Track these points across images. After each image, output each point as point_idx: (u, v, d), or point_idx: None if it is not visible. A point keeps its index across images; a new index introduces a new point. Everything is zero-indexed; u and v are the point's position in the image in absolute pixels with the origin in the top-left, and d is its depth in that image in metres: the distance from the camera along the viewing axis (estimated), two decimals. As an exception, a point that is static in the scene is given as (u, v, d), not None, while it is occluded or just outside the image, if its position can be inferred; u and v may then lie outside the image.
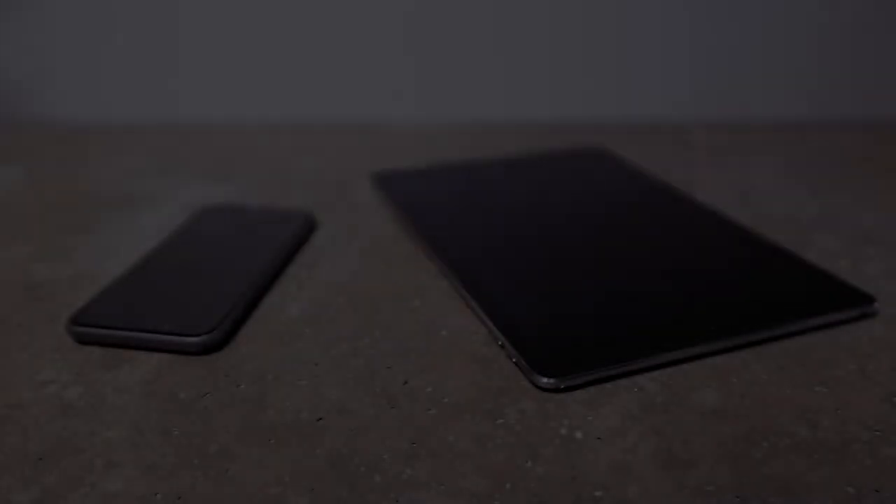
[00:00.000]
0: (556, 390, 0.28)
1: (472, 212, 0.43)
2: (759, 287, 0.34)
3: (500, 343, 0.31)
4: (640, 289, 0.34)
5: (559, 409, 0.27)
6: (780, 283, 0.35)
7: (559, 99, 0.75)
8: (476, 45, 0.72)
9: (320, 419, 0.27)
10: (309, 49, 0.73)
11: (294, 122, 0.65)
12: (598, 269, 0.36)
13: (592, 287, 0.34)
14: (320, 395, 0.28)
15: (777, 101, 0.75)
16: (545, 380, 0.28)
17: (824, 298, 0.33)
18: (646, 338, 0.30)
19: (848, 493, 0.23)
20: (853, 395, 0.28)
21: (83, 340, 0.32)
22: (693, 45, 0.73)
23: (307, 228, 0.42)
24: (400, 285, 0.37)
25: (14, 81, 0.73)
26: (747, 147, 0.59)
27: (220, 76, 0.73)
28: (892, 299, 0.35)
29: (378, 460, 0.25)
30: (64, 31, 0.71)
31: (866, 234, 0.42)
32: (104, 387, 0.29)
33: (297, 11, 0.71)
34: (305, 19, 0.71)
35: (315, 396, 0.28)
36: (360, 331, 0.33)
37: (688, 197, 0.45)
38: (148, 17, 0.71)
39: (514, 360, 0.30)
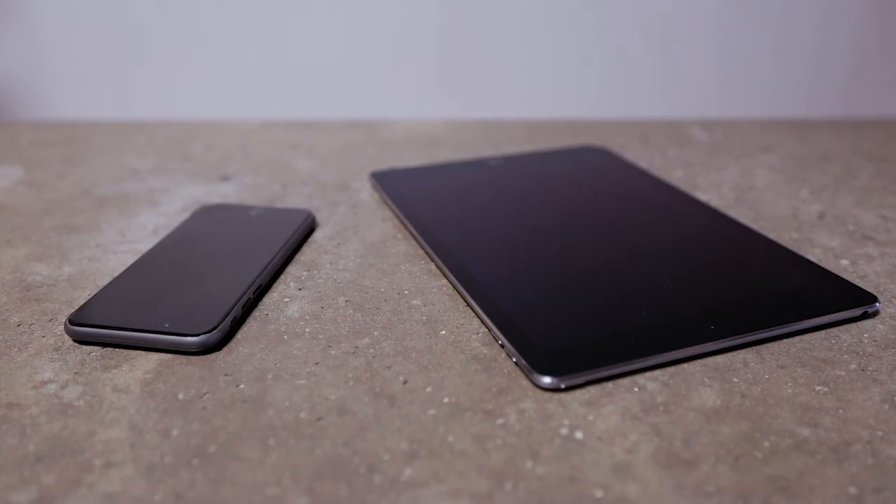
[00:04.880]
0: (557, 390, 0.28)
1: (472, 211, 0.43)
2: (760, 286, 0.34)
3: (500, 343, 0.31)
4: (640, 288, 0.34)
5: (559, 409, 0.27)
6: (781, 282, 0.34)
7: (559, 97, 0.75)
8: (476, 45, 0.72)
9: (320, 419, 0.27)
10: (309, 48, 0.73)
11: (294, 121, 0.65)
12: (598, 268, 0.36)
13: (592, 286, 0.34)
14: (320, 395, 0.28)
15: (778, 99, 0.75)
16: (546, 379, 0.28)
17: (826, 298, 0.33)
18: (646, 337, 0.30)
19: (849, 493, 0.23)
20: (854, 394, 0.28)
21: (82, 340, 0.31)
22: (693, 43, 0.73)
23: (307, 228, 0.42)
24: (400, 285, 0.37)
25: (13, 81, 0.73)
26: (748, 145, 0.59)
27: (219, 75, 0.73)
28: (894, 299, 0.35)
29: (378, 460, 0.25)
30: (63, 30, 0.71)
31: (867, 234, 0.42)
32: (103, 387, 0.29)
33: (297, 11, 0.71)
34: (305, 18, 0.71)
35: (315, 396, 0.28)
36: (360, 331, 0.33)
37: (688, 196, 0.45)
38: (148, 17, 0.71)
39: (514, 359, 0.30)
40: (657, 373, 0.29)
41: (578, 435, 0.26)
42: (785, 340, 0.32)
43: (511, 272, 0.36)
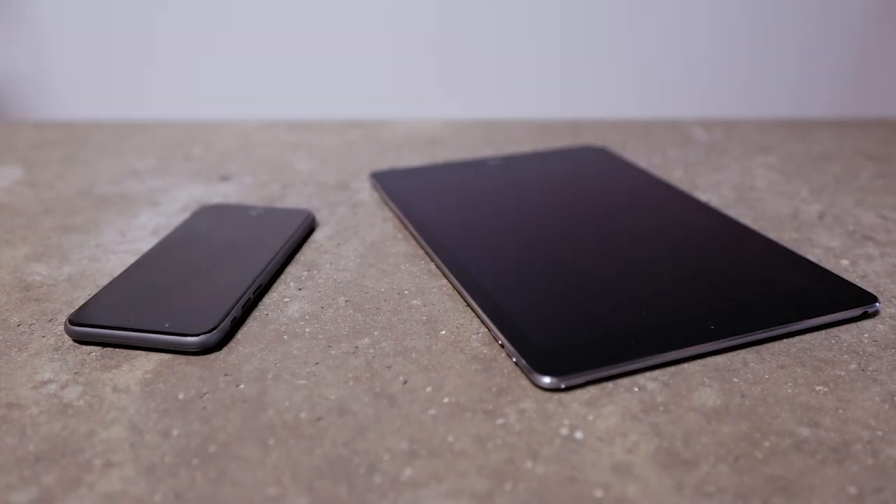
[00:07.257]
0: (557, 390, 0.28)
1: (471, 211, 0.43)
2: (760, 286, 0.34)
3: (500, 343, 0.31)
4: (640, 288, 0.34)
5: (559, 409, 0.27)
6: (781, 282, 0.34)
7: (558, 97, 0.75)
8: (475, 45, 0.72)
9: (320, 419, 0.27)
10: (309, 48, 0.73)
11: (294, 121, 0.65)
12: (598, 268, 0.36)
13: (592, 286, 0.34)
14: (320, 395, 0.28)
15: (778, 99, 0.75)
16: (546, 379, 0.28)
17: (826, 298, 0.33)
18: (646, 337, 0.30)
19: (849, 493, 0.23)
20: (854, 394, 0.28)
21: (82, 340, 0.31)
22: (693, 43, 0.73)
23: (307, 228, 0.42)
24: (400, 285, 0.37)
25: (13, 81, 0.73)
26: (748, 145, 0.59)
27: (219, 76, 0.73)
28: (894, 299, 0.35)
29: (378, 460, 0.25)
30: (64, 30, 0.71)
31: (867, 234, 0.42)
32: (103, 387, 0.29)
33: (297, 11, 0.71)
34: (305, 19, 0.71)
35: (315, 396, 0.28)
36: (360, 331, 0.33)
37: (688, 196, 0.45)
38: (149, 17, 0.71)
39: (514, 359, 0.30)
40: (657, 373, 0.29)
41: (578, 435, 0.26)
42: (785, 340, 0.32)
43: (511, 272, 0.36)
